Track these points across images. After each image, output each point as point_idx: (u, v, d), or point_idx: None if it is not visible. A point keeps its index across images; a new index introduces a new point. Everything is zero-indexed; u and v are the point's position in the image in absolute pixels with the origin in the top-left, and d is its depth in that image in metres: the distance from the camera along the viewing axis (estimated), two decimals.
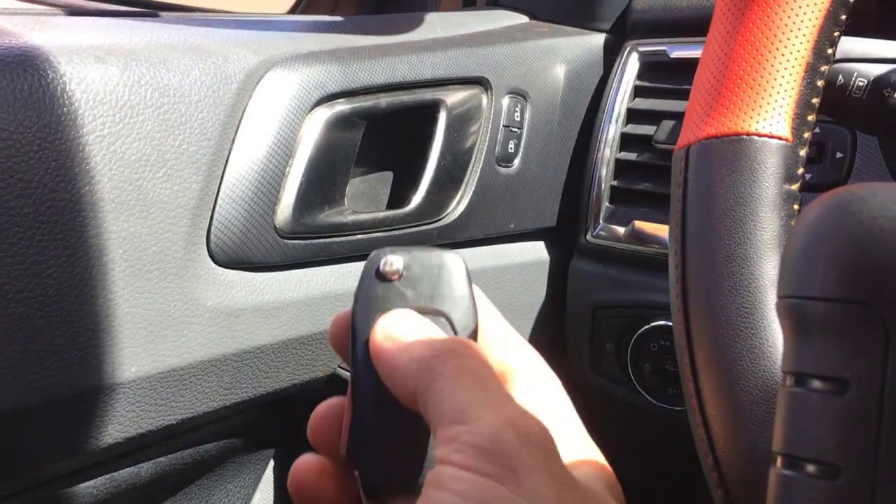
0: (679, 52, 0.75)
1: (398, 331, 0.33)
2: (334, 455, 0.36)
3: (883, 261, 0.28)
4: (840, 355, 0.29)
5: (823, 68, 0.40)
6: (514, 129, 0.71)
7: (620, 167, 0.76)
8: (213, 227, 0.53)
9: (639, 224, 0.74)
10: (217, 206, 0.53)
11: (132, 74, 0.49)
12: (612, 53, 0.79)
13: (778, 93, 0.39)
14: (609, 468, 0.36)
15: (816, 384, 0.29)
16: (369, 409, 0.34)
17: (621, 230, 0.75)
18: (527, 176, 0.74)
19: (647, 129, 0.75)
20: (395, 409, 0.33)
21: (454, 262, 0.35)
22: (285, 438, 0.67)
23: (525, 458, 0.29)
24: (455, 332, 0.34)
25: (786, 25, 0.39)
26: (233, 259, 0.54)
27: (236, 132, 0.53)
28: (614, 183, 0.76)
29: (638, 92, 0.77)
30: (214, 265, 0.54)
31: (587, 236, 0.77)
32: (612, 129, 0.77)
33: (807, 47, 0.39)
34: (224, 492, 0.64)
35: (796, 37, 0.39)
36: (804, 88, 0.39)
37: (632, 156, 0.76)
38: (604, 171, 0.76)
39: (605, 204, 0.76)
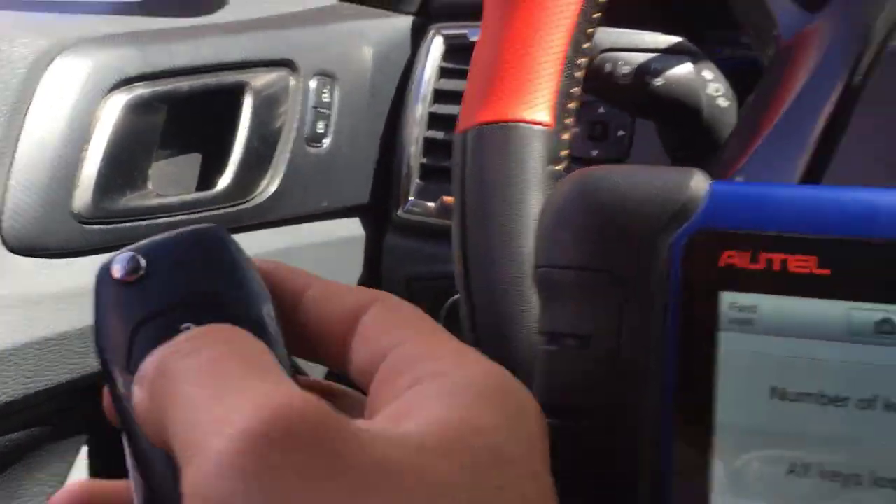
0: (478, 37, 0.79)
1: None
2: None
3: (614, 232, 0.32)
4: (583, 315, 0.33)
5: (580, 61, 0.44)
6: (322, 110, 0.73)
7: (429, 145, 0.79)
8: (4, 214, 0.52)
9: (447, 199, 0.77)
10: (8, 193, 0.52)
11: None
12: (418, 35, 0.82)
13: (540, 83, 0.43)
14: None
15: (566, 342, 0.34)
16: (164, 474, 0.24)
17: (431, 205, 0.78)
18: (338, 155, 0.76)
19: (452, 109, 0.79)
20: None
21: (211, 235, 0.28)
22: (97, 425, 0.66)
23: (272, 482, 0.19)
24: (235, 313, 0.26)
25: (545, 23, 0.43)
26: (28, 246, 0.53)
27: (25, 117, 0.52)
28: (424, 160, 0.79)
29: (443, 73, 0.80)
30: (8, 252, 0.52)
31: (399, 212, 0.80)
32: (420, 108, 0.80)
33: (563, 42, 0.43)
34: (33, 481, 0.62)
35: (555, 33, 0.43)
36: (564, 80, 0.43)
37: (439, 134, 0.79)
38: (413, 150, 0.79)
39: (416, 181, 0.79)
